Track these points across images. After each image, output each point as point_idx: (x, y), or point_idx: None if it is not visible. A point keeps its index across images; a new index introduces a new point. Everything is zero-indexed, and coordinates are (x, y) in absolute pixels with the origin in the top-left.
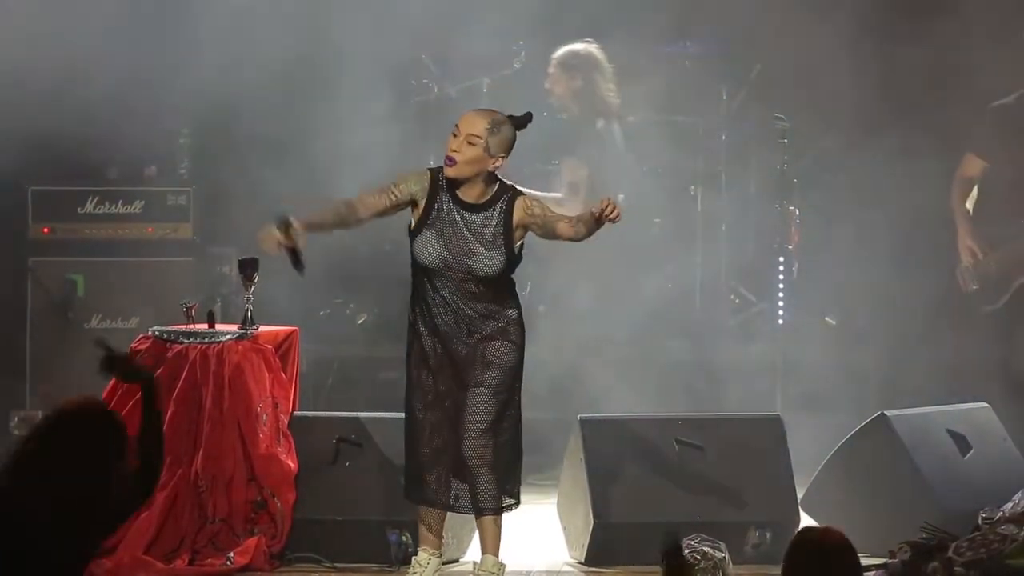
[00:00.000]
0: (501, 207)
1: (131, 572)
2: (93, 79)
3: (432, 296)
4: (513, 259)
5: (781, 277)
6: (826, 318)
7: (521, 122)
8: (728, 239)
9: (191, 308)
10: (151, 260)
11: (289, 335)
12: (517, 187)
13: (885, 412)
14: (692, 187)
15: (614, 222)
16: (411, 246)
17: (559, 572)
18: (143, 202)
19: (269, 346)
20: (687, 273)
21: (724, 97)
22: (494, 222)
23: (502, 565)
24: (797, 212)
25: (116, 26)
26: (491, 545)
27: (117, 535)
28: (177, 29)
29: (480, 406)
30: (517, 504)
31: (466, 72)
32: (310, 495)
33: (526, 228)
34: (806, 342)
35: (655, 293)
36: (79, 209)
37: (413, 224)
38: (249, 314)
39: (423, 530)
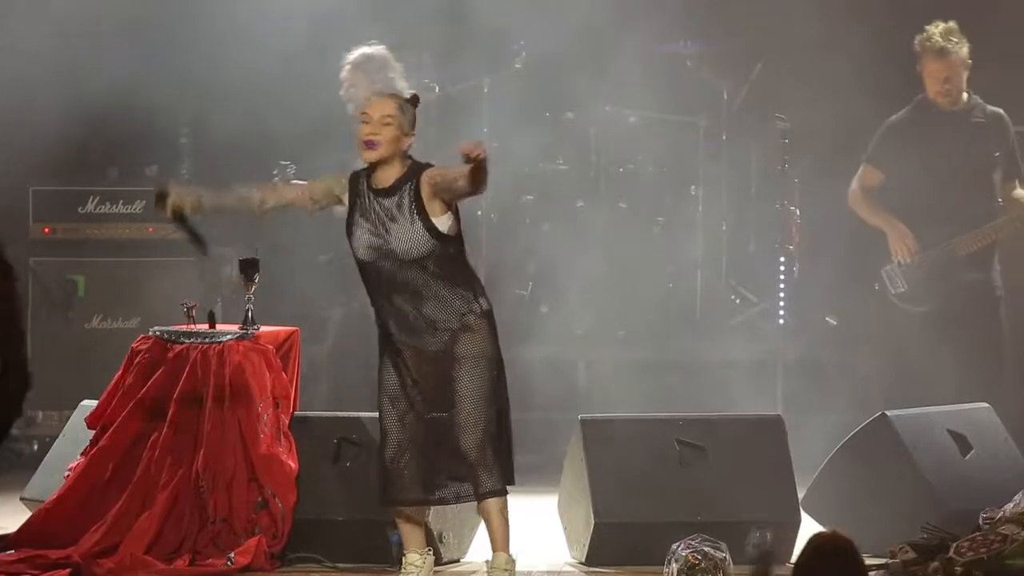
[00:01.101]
0: (410, 185)
1: (132, 572)
2: (94, 79)
3: (385, 301)
4: (439, 235)
5: (782, 277)
6: (827, 318)
7: (415, 101)
8: (729, 239)
9: (192, 308)
10: (152, 260)
11: (290, 335)
12: (423, 164)
13: (886, 412)
14: (693, 187)
15: (480, 159)
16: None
17: (560, 572)
18: (144, 202)
19: (270, 346)
20: (688, 273)
21: (725, 96)
22: (407, 200)
23: (513, 561)
24: (798, 212)
25: (117, 27)
26: (501, 542)
27: (117, 534)
28: (178, 30)
29: (466, 396)
30: (511, 484)
31: (467, 72)
32: (311, 495)
33: (440, 199)
34: (807, 342)
35: (656, 293)
36: (80, 209)
37: (345, 227)
38: (250, 314)
39: (408, 530)
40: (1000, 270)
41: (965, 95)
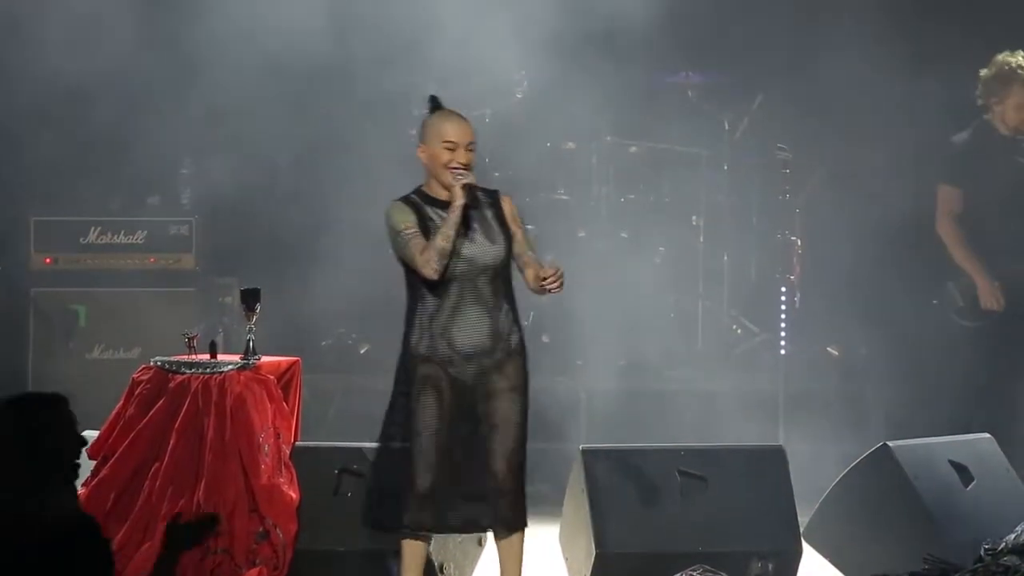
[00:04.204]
0: (487, 200)
1: None
2: (95, 109)
3: (458, 312)
4: (510, 252)
5: (783, 307)
6: (828, 348)
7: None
8: (730, 269)
9: (193, 338)
10: (153, 290)
11: (291, 365)
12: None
13: (887, 443)
14: (694, 217)
15: (551, 292)
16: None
17: None
18: (145, 232)
19: (271, 376)
20: (689, 303)
21: (726, 127)
22: (490, 212)
23: None
24: (799, 242)
25: (118, 57)
26: (515, 571)
27: (119, 565)
28: (178, 59)
29: (509, 423)
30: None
31: (469, 102)
32: (312, 526)
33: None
34: (808, 372)
35: (657, 322)
36: (81, 239)
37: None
38: (251, 344)
39: (411, 560)
40: None
41: None
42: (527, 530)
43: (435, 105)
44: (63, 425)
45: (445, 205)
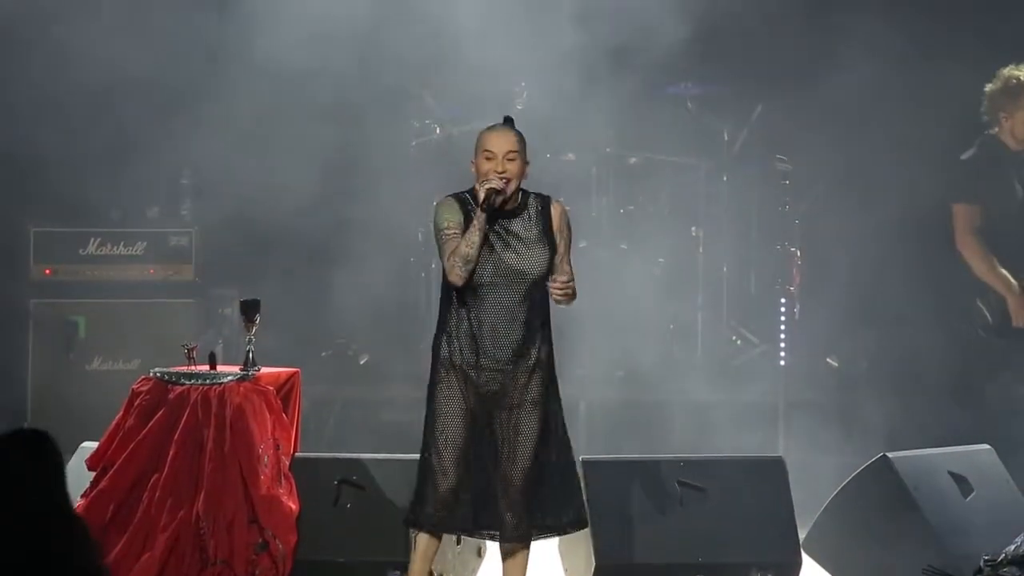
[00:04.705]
0: (536, 208)
1: None
2: (95, 121)
3: (485, 322)
4: (551, 265)
5: (783, 318)
6: (828, 359)
7: (513, 123)
8: (730, 280)
9: (192, 349)
10: (153, 302)
11: (291, 376)
12: (535, 192)
13: (887, 454)
14: (694, 228)
15: (557, 302)
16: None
17: None
18: (145, 243)
19: (271, 387)
20: (689, 314)
21: (726, 138)
22: (534, 222)
23: None
24: (799, 253)
25: (118, 69)
26: None
27: None
28: (178, 71)
29: (523, 437)
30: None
31: (469, 113)
32: (312, 537)
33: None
34: (808, 383)
35: (657, 333)
36: (81, 250)
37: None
38: (251, 355)
39: (420, 562)
40: None
41: None
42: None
43: (504, 121)
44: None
45: (501, 214)
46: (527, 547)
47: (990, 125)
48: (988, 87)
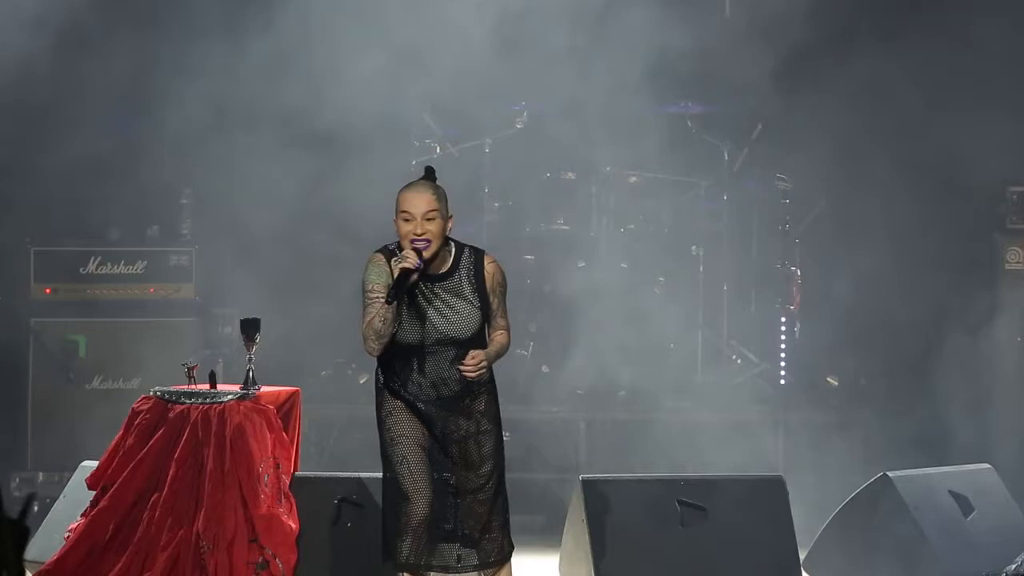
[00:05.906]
0: (467, 268)
1: None
2: (95, 139)
3: (412, 371)
4: (487, 316)
5: (783, 337)
6: (828, 378)
7: (433, 175)
8: (730, 299)
9: (193, 368)
10: (153, 321)
11: (291, 395)
12: (469, 245)
13: (887, 473)
14: (694, 247)
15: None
16: None
17: None
18: (145, 262)
19: (271, 406)
20: (689, 333)
21: (726, 157)
22: (467, 284)
23: None
24: (799, 272)
25: (119, 87)
26: None
27: None
28: (178, 89)
29: (476, 466)
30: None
31: (468, 132)
32: (312, 556)
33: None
34: (808, 402)
35: (657, 353)
36: (81, 269)
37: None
38: (251, 374)
39: None
40: None
41: None
42: (527, 561)
43: (425, 174)
44: None
45: (431, 276)
46: (508, 562)
47: None
48: None
